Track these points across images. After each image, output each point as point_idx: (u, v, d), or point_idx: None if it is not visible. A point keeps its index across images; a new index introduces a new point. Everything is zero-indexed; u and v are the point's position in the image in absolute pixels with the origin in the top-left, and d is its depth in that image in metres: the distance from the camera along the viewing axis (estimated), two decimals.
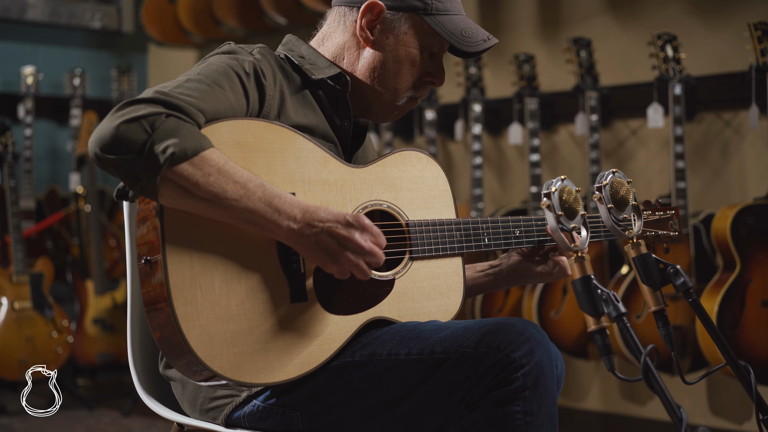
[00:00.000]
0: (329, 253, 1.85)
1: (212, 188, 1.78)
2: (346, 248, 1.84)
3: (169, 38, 5.80)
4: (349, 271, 1.87)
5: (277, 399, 1.99)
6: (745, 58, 3.87)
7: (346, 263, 1.85)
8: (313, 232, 1.83)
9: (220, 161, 1.79)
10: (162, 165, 1.74)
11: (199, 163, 1.77)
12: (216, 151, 1.80)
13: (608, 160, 4.45)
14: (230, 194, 1.79)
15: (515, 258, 2.26)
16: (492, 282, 2.30)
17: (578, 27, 4.56)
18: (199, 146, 1.77)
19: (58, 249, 5.55)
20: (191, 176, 1.76)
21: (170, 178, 1.76)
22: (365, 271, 1.87)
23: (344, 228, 1.84)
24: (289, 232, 1.83)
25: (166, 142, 1.74)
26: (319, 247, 1.84)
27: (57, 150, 5.99)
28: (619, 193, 1.97)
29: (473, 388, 1.86)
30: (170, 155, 1.73)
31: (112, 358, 5.28)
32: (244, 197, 1.80)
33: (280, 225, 1.82)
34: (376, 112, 2.18)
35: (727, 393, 4.11)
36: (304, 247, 1.85)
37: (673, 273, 1.98)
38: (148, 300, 1.85)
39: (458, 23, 2.10)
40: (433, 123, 4.69)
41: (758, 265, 3.73)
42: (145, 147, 1.74)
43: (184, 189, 1.77)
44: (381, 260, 1.88)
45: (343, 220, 1.85)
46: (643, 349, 1.69)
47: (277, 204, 1.82)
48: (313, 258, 1.86)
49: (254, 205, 1.81)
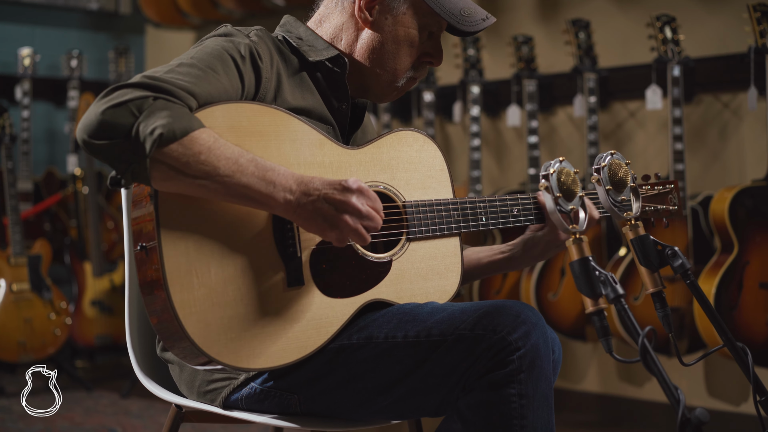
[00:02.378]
0: (327, 219, 1.83)
1: (204, 167, 1.76)
2: (344, 212, 1.83)
3: (166, 20, 5.79)
4: (348, 237, 1.86)
5: (274, 382, 1.99)
6: (744, 39, 3.86)
7: (344, 228, 1.84)
8: (309, 200, 1.82)
9: (210, 140, 1.78)
10: (151, 147, 1.72)
11: (188, 142, 1.75)
12: (207, 131, 1.78)
13: (606, 142, 4.44)
14: (222, 171, 1.77)
15: (528, 233, 2.25)
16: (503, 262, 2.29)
17: (577, 8, 4.54)
18: (189, 126, 1.76)
19: (56, 231, 5.55)
20: (181, 156, 1.75)
21: (160, 160, 1.75)
22: (364, 236, 1.85)
23: (340, 193, 1.83)
24: (285, 203, 1.82)
25: (154, 124, 1.72)
26: (317, 214, 1.83)
27: (54, 132, 5.98)
28: (618, 175, 1.97)
29: (469, 371, 1.86)
30: (158, 136, 1.72)
31: (110, 340, 5.29)
32: (237, 172, 1.79)
33: (275, 197, 1.81)
34: (376, 93, 2.17)
35: (725, 374, 4.12)
36: (302, 217, 1.84)
37: (671, 255, 1.97)
38: (145, 286, 1.85)
39: (457, 3, 2.09)
40: (432, 105, 4.68)
41: (756, 247, 3.73)
42: (132, 130, 1.72)
43: (175, 170, 1.76)
44: (379, 224, 1.87)
45: (339, 185, 1.83)
46: (641, 331, 1.69)
47: (271, 176, 1.81)
48: (311, 227, 1.85)
49: (248, 180, 1.79)
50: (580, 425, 4.39)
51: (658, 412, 4.27)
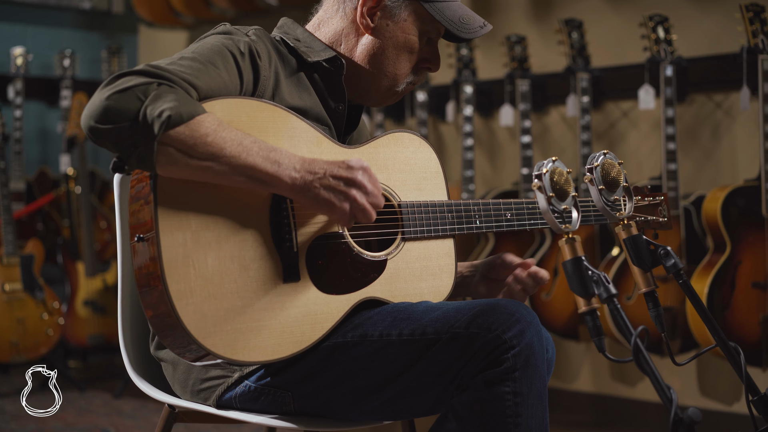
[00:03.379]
0: (337, 194, 1.85)
1: (210, 148, 1.78)
2: (352, 186, 1.86)
3: (159, 19, 5.78)
4: (354, 215, 1.87)
5: (269, 379, 1.99)
6: (737, 39, 3.87)
7: (353, 204, 1.86)
8: (315, 177, 1.84)
9: (215, 123, 1.80)
10: (159, 129, 1.74)
11: (195, 125, 1.77)
12: (210, 115, 1.80)
13: (599, 142, 4.45)
14: (228, 152, 1.79)
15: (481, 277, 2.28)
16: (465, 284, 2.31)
17: (570, 8, 4.55)
18: (194, 110, 1.78)
19: (49, 231, 5.54)
20: (188, 138, 1.76)
21: (167, 143, 1.76)
22: (370, 212, 1.88)
23: (346, 170, 1.86)
24: (291, 182, 1.83)
25: (162, 107, 1.74)
26: (325, 190, 1.85)
27: (47, 131, 5.97)
28: (610, 175, 1.97)
29: (464, 369, 1.87)
30: (167, 118, 1.74)
31: (102, 340, 5.28)
32: (243, 153, 1.80)
33: (281, 177, 1.83)
34: (375, 97, 2.19)
35: (717, 374, 4.13)
36: (309, 195, 1.85)
37: (663, 254, 1.98)
38: (141, 278, 1.85)
39: (456, 10, 2.12)
40: (425, 104, 4.68)
41: (748, 246, 3.74)
42: (140, 113, 1.74)
43: (181, 152, 1.77)
44: (381, 203, 1.90)
45: (343, 163, 1.87)
46: (634, 331, 1.69)
47: (276, 157, 1.83)
48: (319, 204, 1.86)
49: (253, 160, 1.81)
50: (573, 425, 4.40)
51: (651, 411, 4.28)
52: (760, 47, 3.70)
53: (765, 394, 1.93)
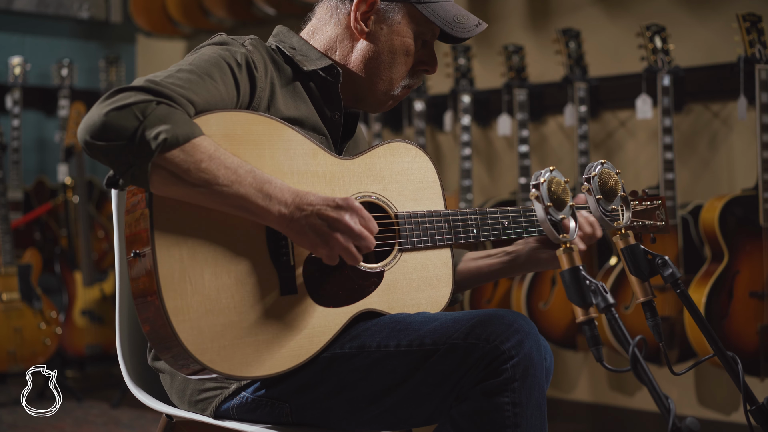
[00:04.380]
0: (319, 235, 1.84)
1: (204, 174, 1.77)
2: (336, 230, 1.84)
3: (157, 28, 5.78)
4: (338, 255, 1.86)
5: (266, 390, 1.99)
6: (734, 49, 3.88)
7: (335, 246, 1.85)
8: (303, 215, 1.83)
9: (211, 148, 1.79)
10: (153, 151, 1.73)
11: (190, 149, 1.76)
12: (207, 138, 1.80)
13: (597, 151, 4.45)
14: (221, 180, 1.79)
15: (531, 244, 2.26)
16: (506, 267, 2.28)
17: (567, 18, 4.56)
18: (191, 133, 1.77)
19: (47, 240, 5.53)
20: (183, 162, 1.76)
21: (161, 165, 1.75)
22: (355, 255, 1.87)
23: (334, 210, 1.84)
24: (279, 216, 1.83)
25: (158, 129, 1.73)
26: (309, 230, 1.84)
27: (45, 141, 5.97)
28: (608, 184, 1.97)
29: (462, 380, 1.87)
30: (162, 141, 1.73)
31: (100, 350, 5.27)
32: (235, 183, 1.80)
33: (270, 210, 1.82)
34: (371, 103, 2.18)
35: (715, 384, 4.12)
36: (295, 231, 1.84)
37: (661, 264, 1.98)
38: (138, 293, 1.85)
39: (449, 10, 2.11)
40: (422, 114, 4.68)
41: (746, 256, 3.74)
42: (136, 133, 1.73)
43: (175, 176, 1.77)
44: (372, 244, 1.87)
45: (333, 202, 1.85)
46: (632, 340, 1.69)
47: (268, 189, 1.82)
48: (303, 242, 1.86)
49: (245, 191, 1.80)
50: None
51: (649, 421, 4.27)
52: (757, 57, 3.71)
53: (763, 403, 1.93)
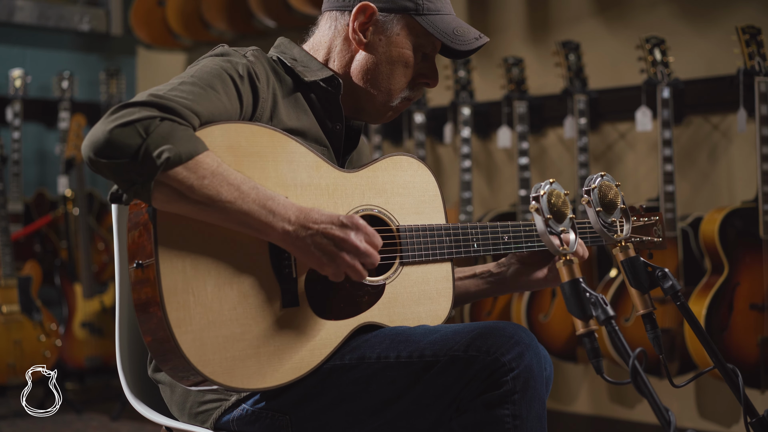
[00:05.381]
0: (325, 254, 1.84)
1: (207, 191, 1.77)
2: (342, 249, 1.85)
3: (157, 41, 5.79)
4: (344, 273, 1.87)
5: (266, 403, 1.98)
6: (733, 61, 3.88)
7: (342, 264, 1.85)
8: (308, 233, 1.83)
9: (214, 164, 1.79)
10: (157, 169, 1.73)
11: (193, 166, 1.76)
12: (210, 154, 1.80)
13: (597, 164, 4.45)
14: (224, 197, 1.79)
15: (516, 266, 2.26)
16: (492, 288, 2.30)
17: (567, 30, 4.56)
18: (194, 150, 1.77)
19: (47, 252, 5.53)
20: (186, 180, 1.76)
21: (165, 182, 1.75)
22: (361, 273, 1.87)
23: (339, 229, 1.84)
24: (283, 234, 1.83)
25: (161, 147, 1.73)
26: (315, 248, 1.84)
27: (45, 153, 5.97)
28: (608, 197, 1.98)
29: (462, 392, 1.86)
30: (165, 160, 1.73)
31: (100, 362, 5.26)
32: (239, 199, 1.80)
33: (274, 227, 1.82)
34: (370, 113, 2.18)
35: (716, 396, 4.12)
36: (299, 249, 1.85)
37: (661, 276, 1.98)
38: (140, 304, 1.85)
39: (450, 22, 2.11)
40: (423, 126, 4.69)
41: (746, 268, 3.74)
42: (140, 151, 1.73)
43: (178, 193, 1.77)
44: (376, 261, 1.88)
45: (338, 221, 1.85)
46: (632, 352, 1.69)
47: (271, 206, 1.82)
48: (309, 260, 1.86)
49: (248, 207, 1.80)
50: None
51: None
52: (757, 69, 3.71)
53: (763, 416, 1.93)
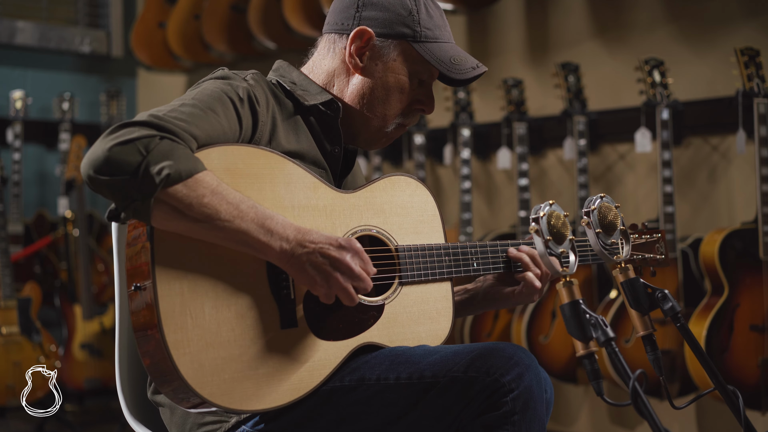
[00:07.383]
0: (320, 273, 1.85)
1: (206, 209, 1.78)
2: (336, 269, 1.85)
3: (158, 62, 5.81)
4: (336, 294, 1.87)
5: (265, 424, 1.98)
6: (732, 83, 3.89)
7: (334, 285, 1.85)
8: (304, 252, 1.84)
9: (214, 183, 1.80)
10: (157, 186, 1.74)
11: (193, 184, 1.77)
12: (209, 174, 1.80)
13: (596, 185, 4.46)
14: (223, 215, 1.79)
15: (489, 281, 2.27)
16: (464, 307, 2.30)
17: (566, 52, 4.58)
18: (194, 168, 1.78)
19: (46, 273, 5.53)
20: (185, 198, 1.76)
21: (164, 200, 1.76)
22: (352, 296, 1.87)
23: (336, 249, 1.85)
24: (281, 252, 1.83)
25: (162, 164, 1.74)
26: (310, 267, 1.84)
27: (45, 174, 5.98)
28: (607, 218, 1.98)
29: (462, 413, 1.86)
30: (165, 177, 1.74)
31: (99, 384, 5.25)
32: (237, 218, 1.80)
33: (272, 246, 1.83)
34: (365, 138, 2.19)
35: (716, 417, 4.11)
36: (295, 268, 1.85)
37: (661, 297, 1.98)
38: (138, 326, 1.85)
39: (447, 51, 2.11)
40: (422, 147, 4.70)
41: (746, 289, 3.74)
42: (140, 168, 1.74)
43: (177, 210, 1.77)
44: (369, 287, 1.89)
45: (335, 242, 1.86)
46: (632, 374, 1.69)
47: (270, 225, 1.83)
48: (303, 278, 1.86)
49: (247, 226, 1.81)
50: None
51: None
52: (756, 90, 3.72)
53: None
